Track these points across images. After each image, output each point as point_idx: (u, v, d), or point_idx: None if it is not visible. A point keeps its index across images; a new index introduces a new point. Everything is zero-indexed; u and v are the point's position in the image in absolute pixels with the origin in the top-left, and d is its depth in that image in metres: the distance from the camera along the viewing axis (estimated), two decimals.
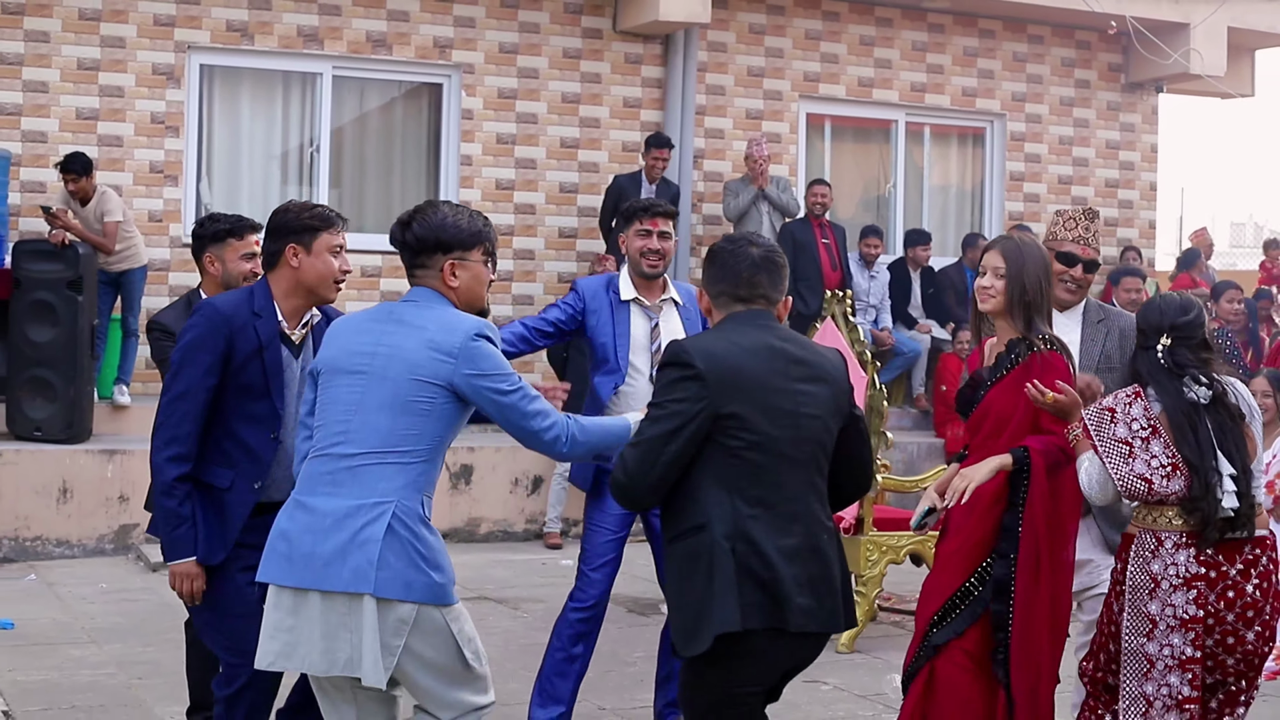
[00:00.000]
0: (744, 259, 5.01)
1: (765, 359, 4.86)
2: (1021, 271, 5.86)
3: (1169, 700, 5.46)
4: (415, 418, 4.90)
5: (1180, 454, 5.43)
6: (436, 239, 5.10)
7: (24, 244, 12.37)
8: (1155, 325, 5.68)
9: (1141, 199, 17.89)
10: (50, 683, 8.21)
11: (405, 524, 4.84)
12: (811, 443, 4.87)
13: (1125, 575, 5.58)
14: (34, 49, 13.36)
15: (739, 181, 15.06)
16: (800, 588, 4.76)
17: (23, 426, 12.12)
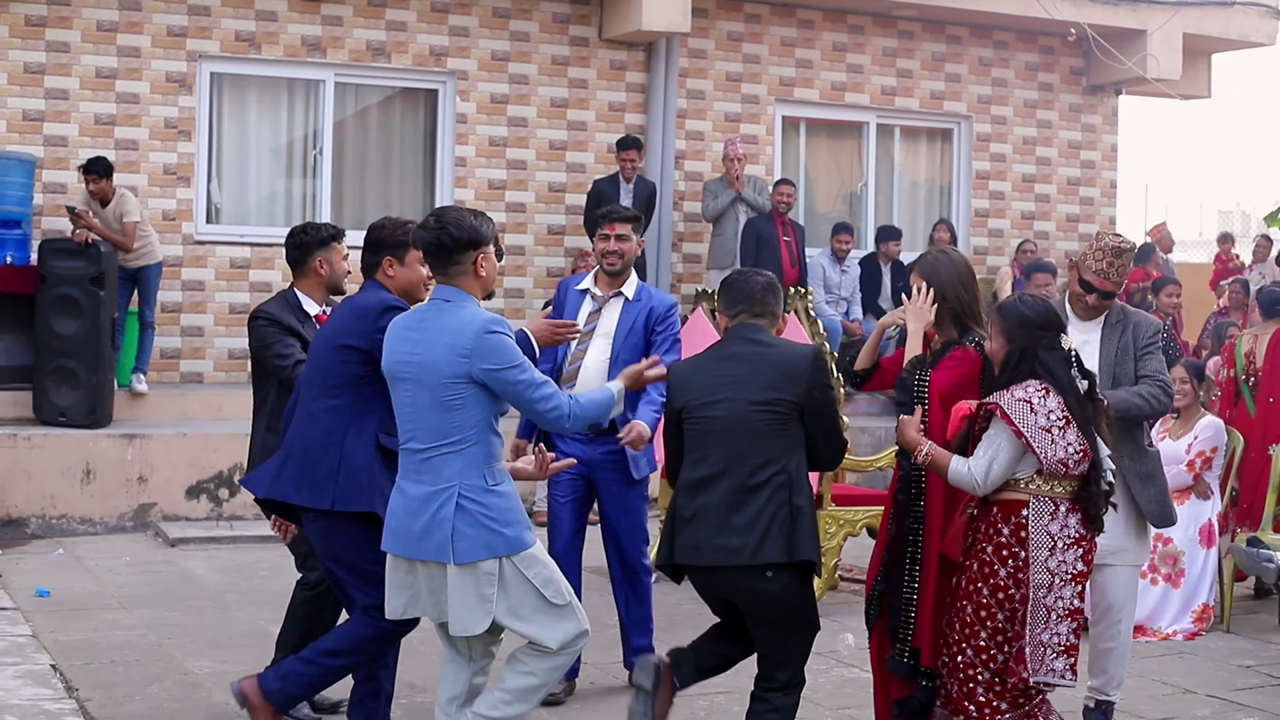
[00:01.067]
0: (756, 285, 6.40)
1: (711, 362, 6.32)
2: (941, 287, 6.75)
3: (1059, 647, 6.22)
4: (456, 412, 5.87)
5: (1087, 442, 6.28)
6: (469, 238, 5.99)
7: (49, 242, 13.16)
8: (1056, 325, 6.49)
9: (1102, 196, 18.73)
10: (89, 642, 9.07)
11: (471, 499, 5.85)
12: (737, 419, 6.14)
13: (1028, 538, 6.24)
14: (55, 58, 14.16)
15: (718, 182, 15.85)
16: (717, 531, 6.10)
17: (49, 412, 12.90)
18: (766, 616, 6.19)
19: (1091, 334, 7.53)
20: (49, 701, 7.70)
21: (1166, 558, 9.97)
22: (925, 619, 6.54)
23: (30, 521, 12.40)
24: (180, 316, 14.53)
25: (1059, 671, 6.21)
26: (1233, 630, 10.00)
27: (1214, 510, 10.17)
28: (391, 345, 6.08)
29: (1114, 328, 7.59)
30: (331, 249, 7.51)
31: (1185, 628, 9.86)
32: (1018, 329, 6.33)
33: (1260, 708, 8.13)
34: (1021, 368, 6.32)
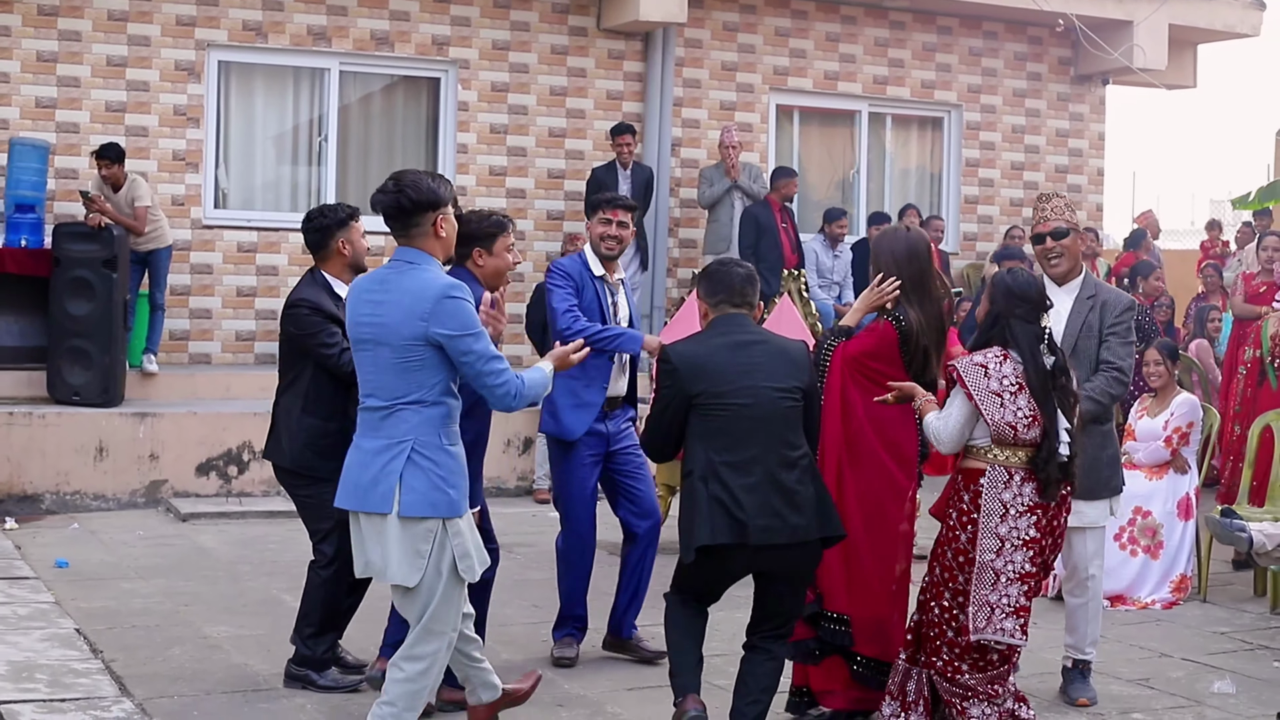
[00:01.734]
0: (736, 276, 6.68)
1: (725, 350, 6.51)
2: (877, 258, 7.29)
3: (1008, 608, 6.62)
4: (415, 372, 6.01)
5: (1039, 410, 6.67)
6: (428, 200, 6.15)
7: (63, 226, 13.47)
8: (1037, 301, 6.88)
9: (1090, 183, 19.10)
10: (110, 609, 9.42)
11: (424, 455, 6.00)
12: (766, 405, 6.43)
13: (979, 505, 6.68)
14: (67, 47, 14.49)
15: (713, 169, 16.19)
16: (758, 512, 6.33)
17: (62, 391, 13.22)
18: (792, 585, 6.61)
19: (1063, 303, 7.79)
20: (76, 662, 8.07)
21: (1146, 530, 10.35)
22: (834, 562, 7.02)
23: (45, 498, 12.73)
24: (189, 299, 14.87)
25: (1008, 631, 6.62)
26: (1209, 600, 10.38)
27: (1191, 484, 10.54)
28: (353, 307, 6.21)
29: (1084, 302, 7.85)
30: (350, 228, 7.76)
31: (1163, 597, 10.24)
32: (999, 295, 6.80)
33: (1232, 669, 8.50)
34: (993, 331, 6.79)
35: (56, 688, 7.55)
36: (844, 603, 7.12)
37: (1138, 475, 10.48)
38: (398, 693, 6.09)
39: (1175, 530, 10.40)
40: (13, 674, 7.75)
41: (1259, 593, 10.50)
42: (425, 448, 6.02)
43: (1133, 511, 10.37)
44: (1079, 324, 7.79)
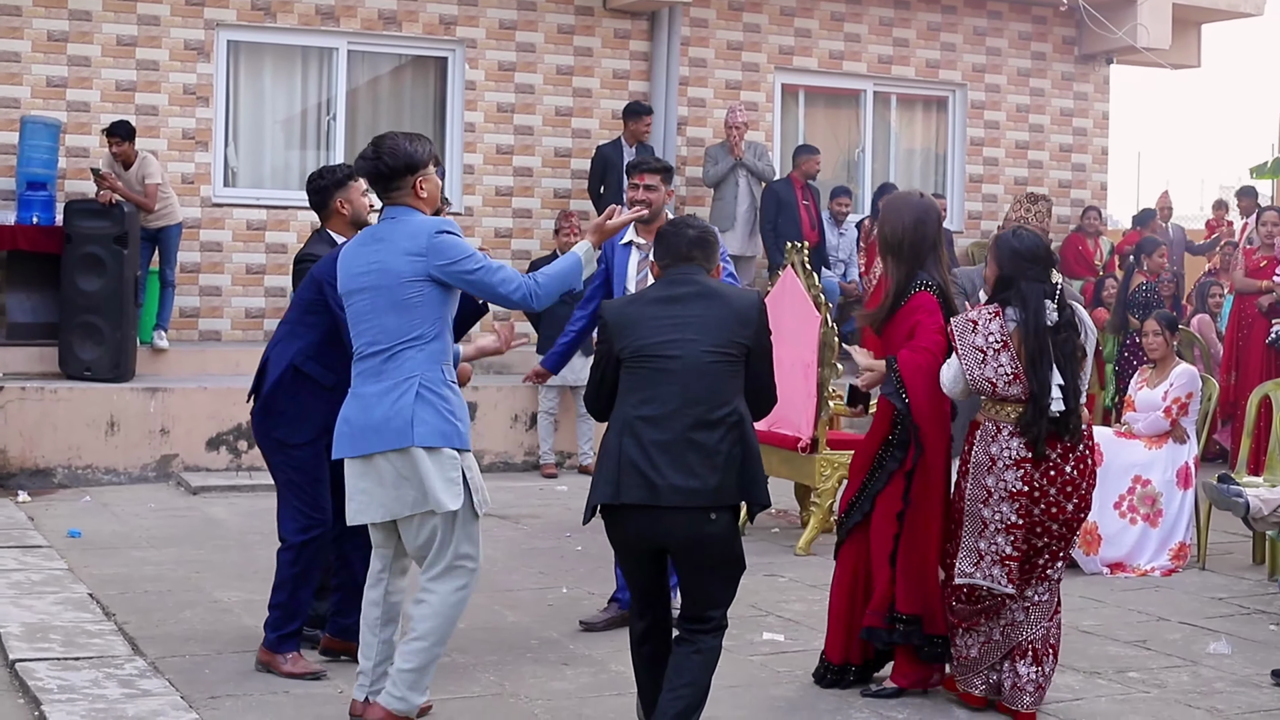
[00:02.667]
0: (684, 238, 6.29)
1: (657, 304, 6.15)
2: (884, 229, 7.33)
3: (995, 556, 6.83)
4: (414, 310, 6.25)
5: (1024, 367, 6.78)
6: (404, 164, 6.39)
7: (74, 203, 13.60)
8: (1044, 260, 6.99)
9: (1094, 162, 19.18)
10: (122, 575, 9.57)
11: (431, 389, 6.24)
12: (691, 361, 6.00)
13: (971, 455, 6.92)
14: (77, 26, 14.60)
15: (718, 148, 16.29)
16: (674, 472, 5.89)
17: (74, 367, 13.35)
18: (708, 560, 6.02)
19: None
20: (89, 624, 8.20)
21: (1145, 498, 10.46)
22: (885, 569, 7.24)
23: (57, 471, 12.86)
24: (199, 276, 15.00)
25: (995, 578, 6.84)
26: (1208, 568, 10.50)
27: (1191, 454, 10.64)
28: (346, 263, 6.48)
29: None
30: (349, 188, 7.87)
31: (1162, 565, 10.36)
32: (1007, 259, 6.95)
33: (1229, 632, 8.62)
34: (1002, 293, 6.93)
35: (70, 647, 7.69)
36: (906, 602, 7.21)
37: (1137, 445, 10.61)
38: (427, 627, 6.29)
39: (1174, 499, 10.51)
40: (27, 634, 7.88)
41: (1258, 560, 10.62)
42: (431, 383, 6.27)
43: (1132, 480, 10.49)
44: None
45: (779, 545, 10.97)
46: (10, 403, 12.76)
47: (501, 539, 10.94)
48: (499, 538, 10.97)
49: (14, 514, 11.40)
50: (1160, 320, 10.97)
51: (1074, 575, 10.16)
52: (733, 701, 7.15)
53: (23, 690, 7.08)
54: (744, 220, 16.22)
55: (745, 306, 6.16)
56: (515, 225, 15.96)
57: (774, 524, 11.76)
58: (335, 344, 7.19)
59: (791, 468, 10.83)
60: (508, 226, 15.96)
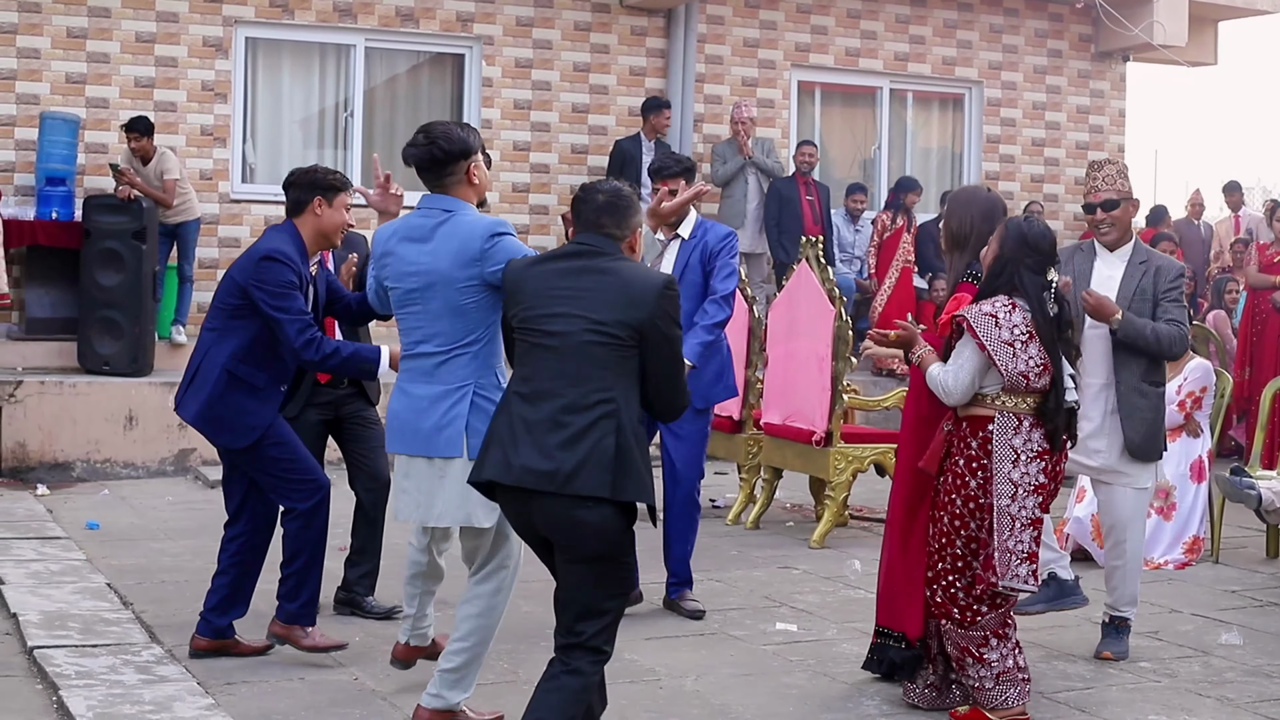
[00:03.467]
0: (592, 204, 5.70)
1: (553, 274, 5.61)
2: (950, 222, 7.29)
3: (1022, 554, 6.66)
4: (469, 315, 6.19)
5: (1048, 358, 6.73)
6: (460, 149, 6.29)
7: (93, 199, 13.70)
8: (1048, 254, 6.93)
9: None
10: (140, 566, 9.64)
11: (485, 397, 6.19)
12: (572, 339, 5.45)
13: (991, 451, 6.70)
14: (96, 24, 14.69)
15: (726, 146, 16.35)
16: (530, 453, 5.38)
17: (93, 361, 13.46)
18: (579, 552, 5.45)
19: (1115, 269, 7.83)
20: (107, 612, 8.27)
21: (1159, 491, 10.47)
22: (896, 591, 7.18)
23: (76, 465, 12.95)
24: (216, 272, 15.02)
25: (1023, 577, 6.65)
26: (1222, 561, 10.52)
27: (1204, 447, 10.67)
28: (398, 256, 6.31)
29: (1137, 267, 7.83)
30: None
31: (1176, 558, 10.38)
32: (1010, 241, 6.75)
33: (1241, 624, 8.64)
34: (1001, 278, 6.74)
35: (89, 634, 7.75)
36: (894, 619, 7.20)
37: None
38: (469, 628, 6.34)
39: (1188, 492, 10.54)
40: (45, 622, 7.95)
41: (1271, 554, 10.65)
42: (485, 389, 6.23)
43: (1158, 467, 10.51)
44: (1132, 289, 7.77)
45: (793, 539, 11.01)
46: (29, 397, 12.83)
47: None
48: None
49: (33, 506, 11.48)
50: None
51: (1088, 568, 10.18)
52: (745, 689, 7.20)
53: (41, 676, 7.14)
54: (754, 218, 16.28)
55: (641, 285, 5.52)
56: (532, 221, 16.01)
57: (789, 518, 11.81)
58: (264, 344, 7.23)
59: (806, 461, 10.86)
60: (524, 223, 16.00)
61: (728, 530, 11.29)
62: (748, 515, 11.50)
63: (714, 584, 9.24)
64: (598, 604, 5.51)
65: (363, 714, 6.72)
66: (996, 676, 6.75)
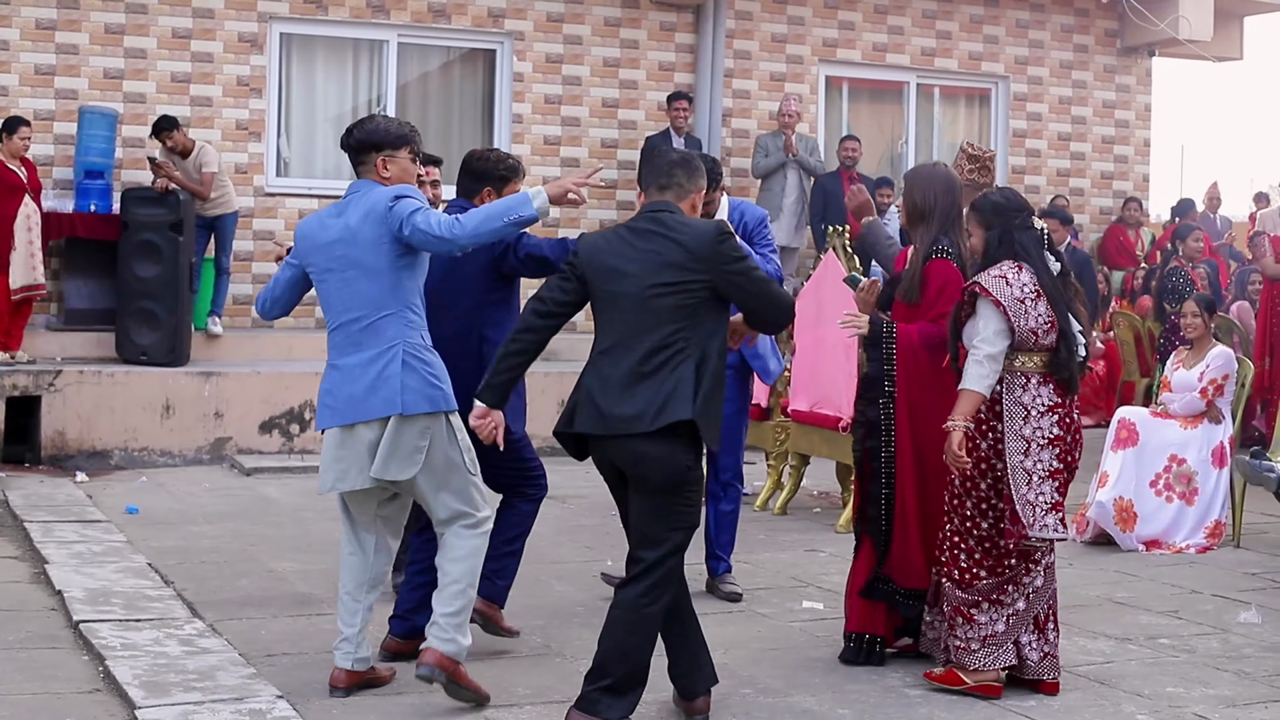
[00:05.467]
0: (665, 158, 6.37)
1: (618, 239, 6.19)
2: (912, 196, 7.41)
3: (1046, 505, 6.86)
4: (384, 276, 6.43)
5: (1055, 314, 6.90)
6: (370, 141, 6.63)
7: (131, 191, 13.92)
8: (1028, 209, 7.05)
9: (1136, 154, 19.31)
10: (180, 548, 9.85)
11: (415, 355, 6.45)
12: (641, 296, 6.07)
13: (997, 411, 6.88)
14: (134, 20, 14.91)
15: (770, 138, 16.53)
16: (621, 402, 5.99)
17: (130, 351, 13.65)
18: (648, 484, 6.06)
19: None
20: (150, 589, 8.48)
21: (1181, 477, 10.63)
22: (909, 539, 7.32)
23: (114, 454, 13.14)
24: (251, 265, 15.27)
25: (1051, 526, 6.84)
26: (1243, 545, 10.65)
27: (1226, 433, 10.80)
28: (314, 235, 6.63)
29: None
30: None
31: (1198, 542, 10.53)
32: (993, 215, 6.96)
33: (1260, 604, 8.78)
34: (1002, 249, 6.93)
35: (132, 610, 7.96)
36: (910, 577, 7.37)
37: (1173, 424, 10.79)
38: (459, 570, 6.57)
39: (1210, 478, 10.68)
40: (90, 599, 8.16)
41: None
42: (414, 349, 6.47)
43: (1168, 459, 10.67)
44: None
45: (820, 524, 11.18)
46: (69, 386, 13.04)
47: (549, 516, 11.08)
48: (546, 515, 10.97)
49: (73, 492, 11.70)
50: (1199, 302, 11.12)
51: (1110, 551, 10.36)
52: (772, 662, 7.39)
53: (87, 648, 7.34)
54: (790, 212, 16.46)
55: (698, 241, 6.10)
56: (563, 215, 16.13)
57: (815, 504, 11.97)
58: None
59: (833, 447, 11.01)
60: (555, 216, 16.15)
61: (755, 516, 11.45)
62: (775, 501, 11.66)
63: (743, 566, 9.40)
64: (656, 533, 6.11)
65: (399, 685, 6.90)
66: (983, 639, 6.93)
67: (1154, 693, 7.04)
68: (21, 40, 14.58)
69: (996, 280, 6.87)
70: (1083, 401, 15.78)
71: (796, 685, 7.04)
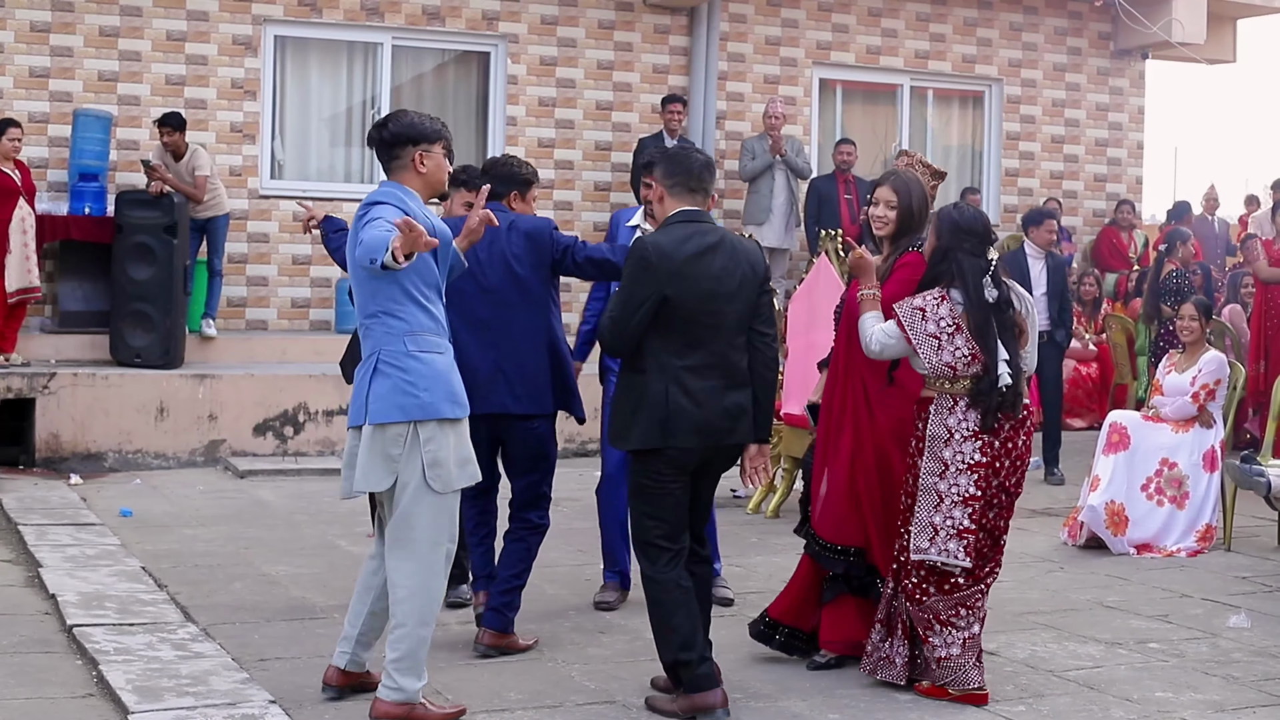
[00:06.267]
0: (695, 162, 6.69)
1: (694, 252, 6.52)
2: (910, 204, 7.32)
3: (951, 530, 6.86)
4: (365, 284, 6.38)
5: (978, 345, 6.83)
6: (408, 135, 6.52)
7: (125, 194, 13.93)
8: (984, 236, 7.01)
9: (1129, 157, 19.35)
10: (174, 551, 9.87)
11: (390, 364, 6.33)
12: (723, 313, 6.56)
13: (925, 431, 6.93)
14: (128, 22, 14.92)
15: (756, 141, 16.55)
16: (715, 416, 6.56)
17: (125, 353, 13.66)
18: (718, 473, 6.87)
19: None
20: (143, 593, 8.51)
21: (1172, 481, 10.66)
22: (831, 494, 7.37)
23: (108, 456, 13.16)
24: (246, 267, 15.30)
25: (951, 552, 6.86)
26: (1234, 549, 10.67)
27: (1217, 438, 10.83)
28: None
29: None
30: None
31: (1189, 546, 10.55)
32: (946, 230, 6.95)
33: (1250, 608, 8.81)
34: (941, 265, 6.94)
35: (125, 614, 7.99)
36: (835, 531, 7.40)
37: (1164, 428, 10.81)
38: (404, 612, 6.37)
39: (1201, 482, 10.70)
40: (84, 602, 8.19)
41: None
42: (391, 356, 6.35)
43: (1159, 463, 10.69)
44: None
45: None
46: (63, 388, 13.06)
47: None
48: None
49: (67, 495, 11.73)
50: (1198, 306, 11.15)
51: (1101, 555, 10.40)
52: (763, 667, 7.43)
53: (80, 652, 7.37)
54: (780, 213, 16.50)
55: (753, 258, 6.73)
56: (556, 217, 16.16)
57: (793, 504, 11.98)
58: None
59: None
60: (549, 218, 16.13)
61: (748, 519, 11.49)
62: (768, 505, 11.69)
63: (735, 569, 9.44)
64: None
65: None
66: (938, 660, 6.97)
67: (1143, 697, 7.08)
68: (16, 43, 14.59)
69: (914, 313, 6.89)
70: (1074, 404, 16.17)
71: (787, 690, 7.07)
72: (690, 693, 6.55)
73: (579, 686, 7.03)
